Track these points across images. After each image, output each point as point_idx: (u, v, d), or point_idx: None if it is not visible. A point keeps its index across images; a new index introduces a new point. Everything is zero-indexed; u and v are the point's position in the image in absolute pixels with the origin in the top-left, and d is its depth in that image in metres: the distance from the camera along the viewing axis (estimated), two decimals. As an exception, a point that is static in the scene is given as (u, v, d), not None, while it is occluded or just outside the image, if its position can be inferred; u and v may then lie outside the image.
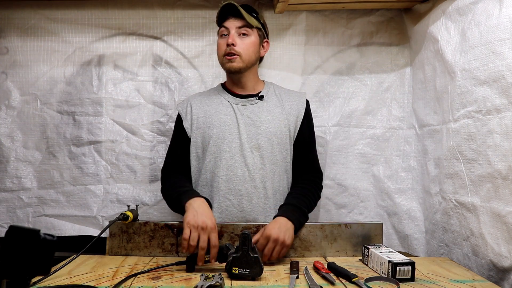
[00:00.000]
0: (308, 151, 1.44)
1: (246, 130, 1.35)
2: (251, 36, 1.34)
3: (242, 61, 1.33)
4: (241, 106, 1.38)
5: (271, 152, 1.35)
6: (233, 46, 1.31)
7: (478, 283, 1.06)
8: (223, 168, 1.33)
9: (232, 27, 1.32)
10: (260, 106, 1.39)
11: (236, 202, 1.33)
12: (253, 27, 1.34)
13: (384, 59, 1.76)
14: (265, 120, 1.36)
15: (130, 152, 1.76)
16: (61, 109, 1.75)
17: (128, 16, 1.75)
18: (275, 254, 1.17)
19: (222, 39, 1.35)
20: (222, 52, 1.34)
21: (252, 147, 1.34)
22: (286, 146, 1.38)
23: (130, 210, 1.30)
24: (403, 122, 1.74)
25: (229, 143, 1.34)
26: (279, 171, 1.37)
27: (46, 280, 1.02)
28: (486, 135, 1.18)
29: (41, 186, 1.76)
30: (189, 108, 1.42)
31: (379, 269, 1.12)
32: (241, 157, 1.34)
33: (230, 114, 1.37)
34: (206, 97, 1.45)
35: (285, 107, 1.40)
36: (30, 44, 1.74)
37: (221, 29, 1.36)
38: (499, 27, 1.13)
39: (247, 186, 1.33)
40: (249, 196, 1.33)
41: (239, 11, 1.30)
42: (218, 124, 1.36)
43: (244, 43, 1.33)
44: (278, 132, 1.36)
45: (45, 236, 0.59)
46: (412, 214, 1.67)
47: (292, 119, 1.39)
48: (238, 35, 1.33)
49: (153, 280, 1.05)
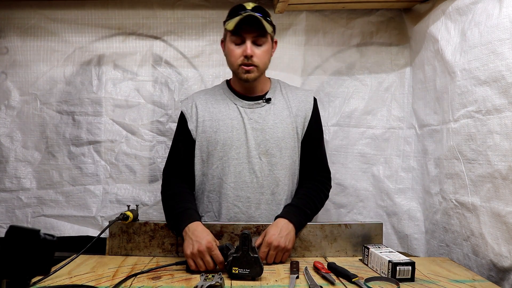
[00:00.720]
0: (316, 149, 1.41)
1: (254, 136, 1.32)
2: (266, 43, 1.29)
3: (258, 71, 1.29)
4: (248, 109, 1.35)
5: (280, 157, 1.33)
6: (252, 58, 1.26)
7: (478, 283, 1.06)
8: (231, 175, 1.32)
9: (248, 37, 1.25)
10: (267, 109, 1.35)
11: (244, 209, 1.32)
12: (268, 33, 1.28)
13: (384, 59, 1.76)
14: (273, 124, 1.33)
15: (129, 152, 1.75)
16: (61, 109, 1.75)
17: (128, 16, 1.75)
18: (278, 260, 1.20)
19: (237, 47, 1.27)
20: (237, 61, 1.28)
21: (260, 153, 1.32)
22: (295, 150, 1.36)
23: (130, 210, 1.30)
24: (403, 122, 1.74)
25: (237, 149, 1.32)
26: (288, 175, 1.35)
27: (46, 280, 1.02)
28: (486, 135, 1.18)
29: (40, 186, 1.75)
30: (194, 108, 1.38)
31: (379, 269, 1.12)
32: (249, 164, 1.32)
33: (237, 118, 1.34)
34: (211, 97, 1.40)
35: (293, 108, 1.37)
36: (30, 44, 1.74)
37: (234, 35, 1.27)
38: (499, 27, 1.13)
39: (255, 193, 1.32)
40: (257, 203, 1.32)
41: (258, 22, 1.23)
42: (225, 130, 1.33)
43: (261, 52, 1.28)
44: (286, 136, 1.34)
45: (45, 236, 0.59)
46: (412, 214, 1.67)
47: (299, 121, 1.36)
48: (253, 42, 1.27)
49: (153, 280, 1.05)
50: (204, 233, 1.16)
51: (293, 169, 1.37)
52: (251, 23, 1.23)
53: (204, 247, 1.10)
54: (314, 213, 1.34)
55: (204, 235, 1.14)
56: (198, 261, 1.11)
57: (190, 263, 1.11)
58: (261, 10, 1.27)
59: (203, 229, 1.17)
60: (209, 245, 1.11)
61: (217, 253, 1.11)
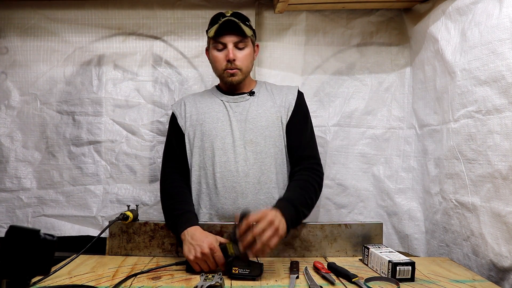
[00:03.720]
0: (299, 138, 1.38)
1: (238, 126, 1.36)
2: (247, 47, 1.36)
3: (242, 74, 1.36)
4: (233, 103, 1.40)
5: (264, 146, 1.35)
6: (234, 62, 1.33)
7: (478, 283, 1.06)
8: (217, 165, 1.33)
9: (229, 41, 1.32)
10: (251, 102, 1.40)
11: (231, 200, 1.32)
12: (248, 36, 1.34)
13: (384, 59, 1.77)
14: (256, 114, 1.37)
15: (130, 152, 1.76)
16: (61, 109, 1.75)
17: (128, 16, 1.75)
18: (265, 239, 1.03)
19: (219, 52, 1.35)
20: (222, 66, 1.35)
21: (245, 142, 1.34)
22: (280, 139, 1.37)
23: (130, 210, 1.30)
24: (403, 122, 1.74)
25: (222, 139, 1.35)
26: (274, 164, 1.35)
27: (46, 280, 1.02)
28: (486, 135, 1.18)
29: (40, 186, 1.75)
30: (183, 106, 1.44)
31: (379, 269, 1.12)
32: (234, 153, 1.34)
33: (222, 111, 1.39)
34: (200, 96, 1.47)
35: (276, 100, 1.41)
36: (29, 44, 1.74)
37: (216, 42, 1.34)
38: (499, 27, 1.13)
39: (240, 182, 1.32)
40: (243, 192, 1.32)
41: (237, 26, 1.30)
42: (210, 121, 1.37)
43: (243, 55, 1.34)
44: (270, 125, 1.36)
45: (45, 236, 0.59)
46: (412, 214, 1.67)
47: (283, 111, 1.39)
48: (235, 47, 1.33)
49: (153, 280, 1.05)
50: (203, 235, 1.16)
51: (280, 158, 1.37)
52: (231, 28, 1.31)
53: (207, 249, 1.11)
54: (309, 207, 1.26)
55: (203, 237, 1.15)
56: (202, 264, 1.12)
57: (195, 266, 1.12)
58: (239, 16, 1.35)
59: (201, 232, 1.18)
60: (211, 247, 1.11)
61: (219, 255, 1.11)
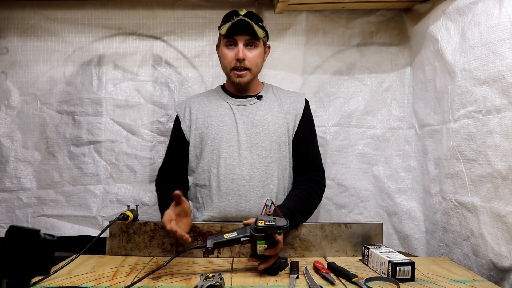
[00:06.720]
0: (308, 148, 1.42)
1: (245, 130, 1.35)
2: (258, 47, 1.34)
3: (251, 75, 1.35)
4: (240, 106, 1.39)
5: (269, 150, 1.35)
6: (244, 61, 1.31)
7: (478, 283, 1.06)
8: (221, 167, 1.34)
9: (240, 40, 1.31)
10: (258, 105, 1.39)
11: (234, 202, 1.33)
12: (260, 37, 1.33)
13: (384, 59, 1.76)
14: (264, 119, 1.37)
15: (130, 152, 1.76)
16: (61, 109, 1.75)
17: (128, 16, 1.75)
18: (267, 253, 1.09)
19: (229, 50, 1.34)
20: (230, 64, 1.34)
21: (251, 146, 1.34)
22: (285, 145, 1.38)
23: (130, 210, 1.30)
24: (403, 122, 1.74)
25: (228, 142, 1.35)
26: (278, 169, 1.36)
27: (46, 280, 1.02)
28: (486, 135, 1.18)
29: (40, 186, 1.75)
30: (187, 109, 1.43)
31: (379, 269, 1.12)
32: (239, 156, 1.34)
33: (228, 114, 1.38)
34: (205, 98, 1.46)
35: (284, 106, 1.40)
36: (30, 44, 1.74)
37: (227, 39, 1.33)
38: (499, 27, 1.13)
39: (245, 185, 1.33)
40: (247, 195, 1.33)
41: (249, 26, 1.28)
42: (216, 124, 1.37)
43: (253, 55, 1.33)
44: (277, 130, 1.36)
45: (45, 236, 0.59)
46: (412, 214, 1.67)
47: (290, 118, 1.39)
48: (245, 46, 1.32)
49: (153, 280, 1.05)
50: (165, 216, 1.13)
51: (283, 164, 1.38)
52: (243, 28, 1.30)
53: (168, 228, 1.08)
54: (307, 215, 1.32)
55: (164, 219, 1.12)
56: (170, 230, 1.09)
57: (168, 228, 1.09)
58: (253, 16, 1.34)
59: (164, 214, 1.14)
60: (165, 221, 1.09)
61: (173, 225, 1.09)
